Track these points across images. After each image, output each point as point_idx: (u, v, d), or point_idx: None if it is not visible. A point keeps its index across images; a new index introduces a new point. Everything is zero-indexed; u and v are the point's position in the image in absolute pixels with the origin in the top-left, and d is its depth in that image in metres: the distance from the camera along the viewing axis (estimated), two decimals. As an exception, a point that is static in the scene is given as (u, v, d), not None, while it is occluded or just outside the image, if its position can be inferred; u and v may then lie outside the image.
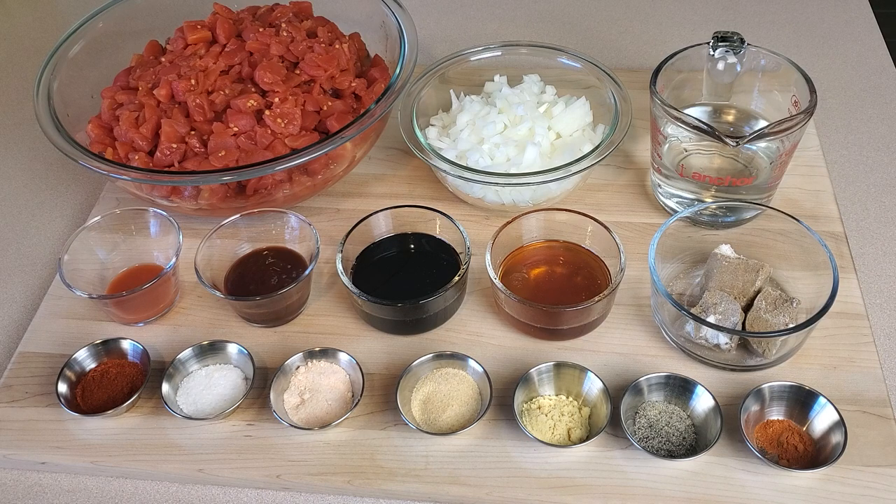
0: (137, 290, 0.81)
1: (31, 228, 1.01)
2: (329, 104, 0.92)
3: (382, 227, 0.88)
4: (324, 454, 0.75)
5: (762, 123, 0.90)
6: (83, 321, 0.87)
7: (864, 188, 0.99)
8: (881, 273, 0.90)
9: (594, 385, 0.76)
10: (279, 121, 0.89)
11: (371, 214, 0.87)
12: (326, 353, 0.80)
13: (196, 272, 0.82)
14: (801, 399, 0.74)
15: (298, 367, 0.79)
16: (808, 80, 0.85)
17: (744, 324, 0.79)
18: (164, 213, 0.88)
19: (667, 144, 0.89)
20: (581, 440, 0.73)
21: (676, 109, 0.83)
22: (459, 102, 1.00)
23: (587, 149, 0.91)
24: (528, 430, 0.73)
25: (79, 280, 0.84)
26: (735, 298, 0.79)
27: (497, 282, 0.79)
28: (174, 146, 0.88)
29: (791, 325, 0.76)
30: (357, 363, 0.79)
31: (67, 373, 0.79)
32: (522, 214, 0.85)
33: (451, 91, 1.01)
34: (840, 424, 0.71)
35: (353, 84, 0.95)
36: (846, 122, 1.08)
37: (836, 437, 0.71)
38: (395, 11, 1.00)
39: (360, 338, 0.84)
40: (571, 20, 1.29)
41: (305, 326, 0.86)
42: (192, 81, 0.91)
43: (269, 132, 0.88)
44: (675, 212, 0.90)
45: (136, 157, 0.88)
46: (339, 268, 0.82)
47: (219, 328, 0.86)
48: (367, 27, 1.04)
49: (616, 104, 0.94)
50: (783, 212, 0.81)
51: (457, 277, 0.80)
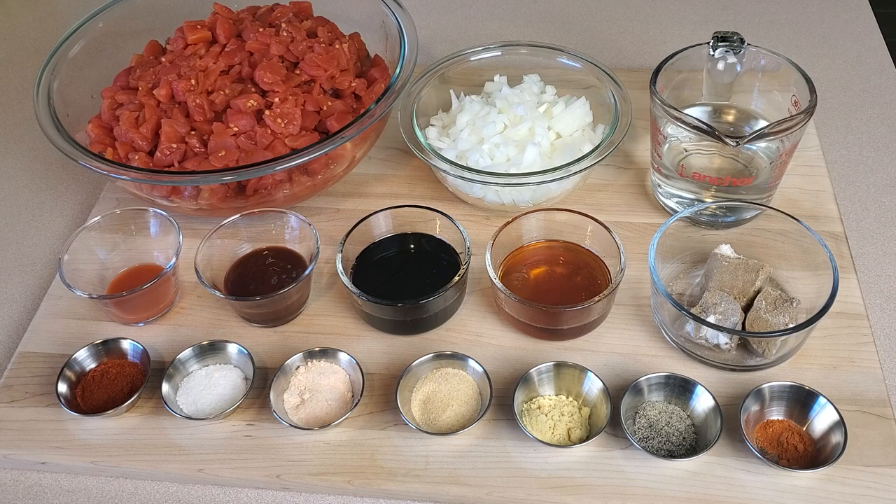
0: (137, 290, 0.81)
1: (31, 228, 1.01)
2: (329, 104, 0.92)
3: (382, 227, 0.88)
4: (324, 454, 0.75)
5: (762, 123, 0.90)
6: (83, 321, 0.87)
7: (864, 188, 0.99)
8: (881, 273, 0.90)
9: (594, 385, 0.76)
10: (279, 121, 0.89)
11: (371, 214, 0.87)
12: (326, 353, 0.80)
13: (196, 272, 0.82)
14: (801, 399, 0.74)
15: (298, 367, 0.79)
16: (808, 80, 0.85)
17: (744, 324, 0.79)
18: (164, 213, 0.88)
19: (667, 144, 0.89)
20: (581, 440, 0.73)
21: (676, 109, 0.83)
22: (459, 102, 1.00)
23: (587, 149, 0.91)
24: (528, 430, 0.73)
25: (79, 280, 0.84)
26: (735, 298, 0.79)
27: (497, 282, 0.79)
28: (174, 146, 0.88)
29: (791, 325, 0.76)
30: (357, 363, 0.79)
31: (67, 373, 0.79)
32: (522, 214, 0.85)
33: (451, 91, 1.01)
34: (840, 424, 0.71)
35: (353, 84, 0.95)
36: (846, 122, 1.08)
37: (836, 437, 0.71)
38: (395, 11, 1.00)
39: (360, 338, 0.84)
40: (571, 20, 1.29)
41: (305, 326, 0.86)
42: (192, 81, 0.91)
43: (269, 132, 0.88)
44: (675, 212, 0.90)
45: (136, 157, 0.88)
46: (339, 268, 0.82)
47: (219, 328, 0.86)
48: (367, 27, 1.04)
49: (616, 104, 0.94)
50: (783, 212, 0.81)
51: (457, 277, 0.80)
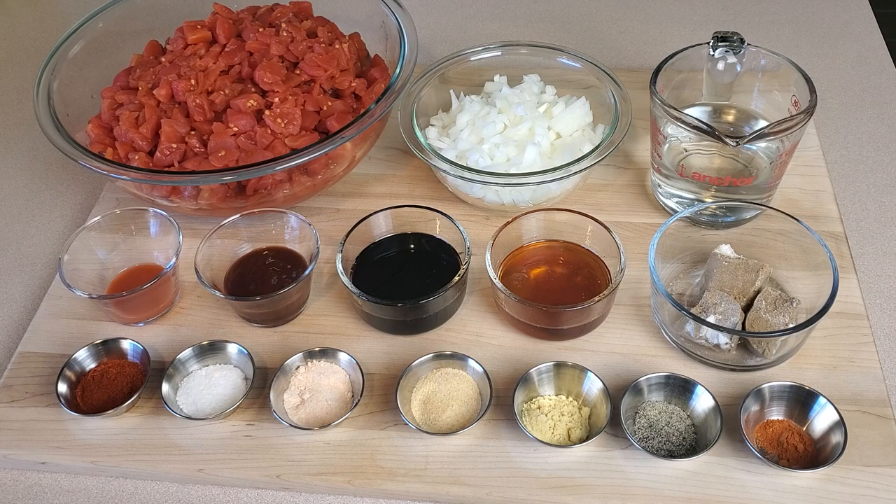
0: (137, 290, 0.81)
1: (31, 228, 1.01)
2: (329, 104, 0.92)
3: (382, 227, 0.88)
4: (324, 454, 0.75)
5: (762, 123, 0.90)
6: (83, 321, 0.87)
7: (864, 188, 0.99)
8: (881, 273, 0.90)
9: (594, 385, 0.76)
10: (279, 121, 0.89)
11: (371, 214, 0.87)
12: (326, 353, 0.80)
13: (196, 272, 0.82)
14: (801, 399, 0.74)
15: (298, 367, 0.79)
16: (808, 80, 0.85)
17: (744, 324, 0.79)
18: (164, 213, 0.88)
19: (667, 144, 0.89)
20: (581, 440, 0.73)
21: (676, 109, 0.83)
22: (459, 102, 1.00)
23: (587, 149, 0.91)
24: (528, 430, 0.73)
25: (79, 280, 0.84)
26: (735, 298, 0.79)
27: (497, 282, 0.79)
28: (174, 146, 0.88)
29: (791, 325, 0.76)
30: (357, 363, 0.79)
31: (67, 373, 0.79)
32: (522, 214, 0.85)
33: (451, 91, 1.01)
34: (840, 424, 0.71)
35: (353, 84, 0.95)
36: (846, 122, 1.08)
37: (836, 437, 0.71)
38: (395, 11, 1.00)
39: (360, 338, 0.84)
40: (571, 20, 1.29)
41: (305, 326, 0.86)
42: (192, 81, 0.91)
43: (269, 132, 0.88)
44: (675, 212, 0.90)
45: (136, 157, 0.88)
46: (339, 268, 0.82)
47: (219, 328, 0.86)
48: (367, 27, 1.04)
49: (616, 104, 0.94)
50: (783, 212, 0.81)
51: (457, 277, 0.80)
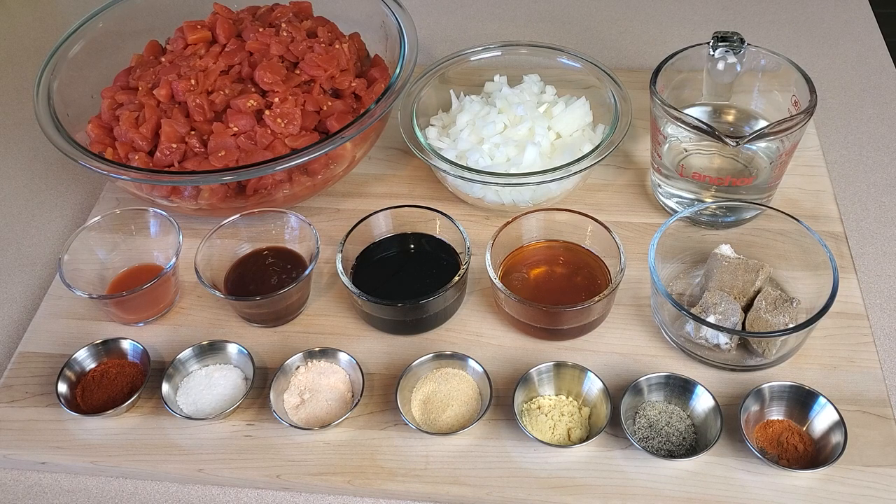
0: (137, 290, 0.81)
1: (31, 228, 1.01)
2: (329, 104, 0.92)
3: (382, 227, 0.88)
4: (324, 454, 0.75)
5: (762, 123, 0.90)
6: (83, 321, 0.87)
7: (864, 188, 0.99)
8: (881, 273, 0.90)
9: (594, 385, 0.76)
10: (279, 121, 0.89)
11: (371, 214, 0.87)
12: (326, 353, 0.80)
13: (196, 272, 0.82)
14: (801, 399, 0.74)
15: (298, 367, 0.79)
16: (808, 80, 0.85)
17: (744, 324, 0.79)
18: (164, 213, 0.88)
19: (667, 144, 0.89)
20: (581, 440, 0.73)
21: (676, 109, 0.83)
22: (459, 102, 1.00)
23: (587, 149, 0.91)
24: (528, 430, 0.73)
25: (79, 280, 0.84)
26: (735, 298, 0.79)
27: (497, 282, 0.79)
28: (174, 146, 0.88)
29: (791, 325, 0.76)
30: (357, 363, 0.79)
31: (67, 373, 0.79)
32: (522, 214, 0.85)
33: (451, 91, 1.01)
34: (840, 424, 0.71)
35: (353, 84, 0.95)
36: (846, 122, 1.08)
37: (836, 437, 0.71)
38: (395, 11, 1.00)
39: (360, 338, 0.84)
40: (571, 20, 1.29)
41: (305, 326, 0.86)
42: (192, 81, 0.91)
43: (269, 132, 0.88)
44: (675, 212, 0.90)
45: (136, 157, 0.88)
46: (339, 268, 0.82)
47: (219, 328, 0.86)
48: (367, 27, 1.04)
49: (616, 104, 0.94)
50: (783, 212, 0.81)
51: (457, 277, 0.80)
